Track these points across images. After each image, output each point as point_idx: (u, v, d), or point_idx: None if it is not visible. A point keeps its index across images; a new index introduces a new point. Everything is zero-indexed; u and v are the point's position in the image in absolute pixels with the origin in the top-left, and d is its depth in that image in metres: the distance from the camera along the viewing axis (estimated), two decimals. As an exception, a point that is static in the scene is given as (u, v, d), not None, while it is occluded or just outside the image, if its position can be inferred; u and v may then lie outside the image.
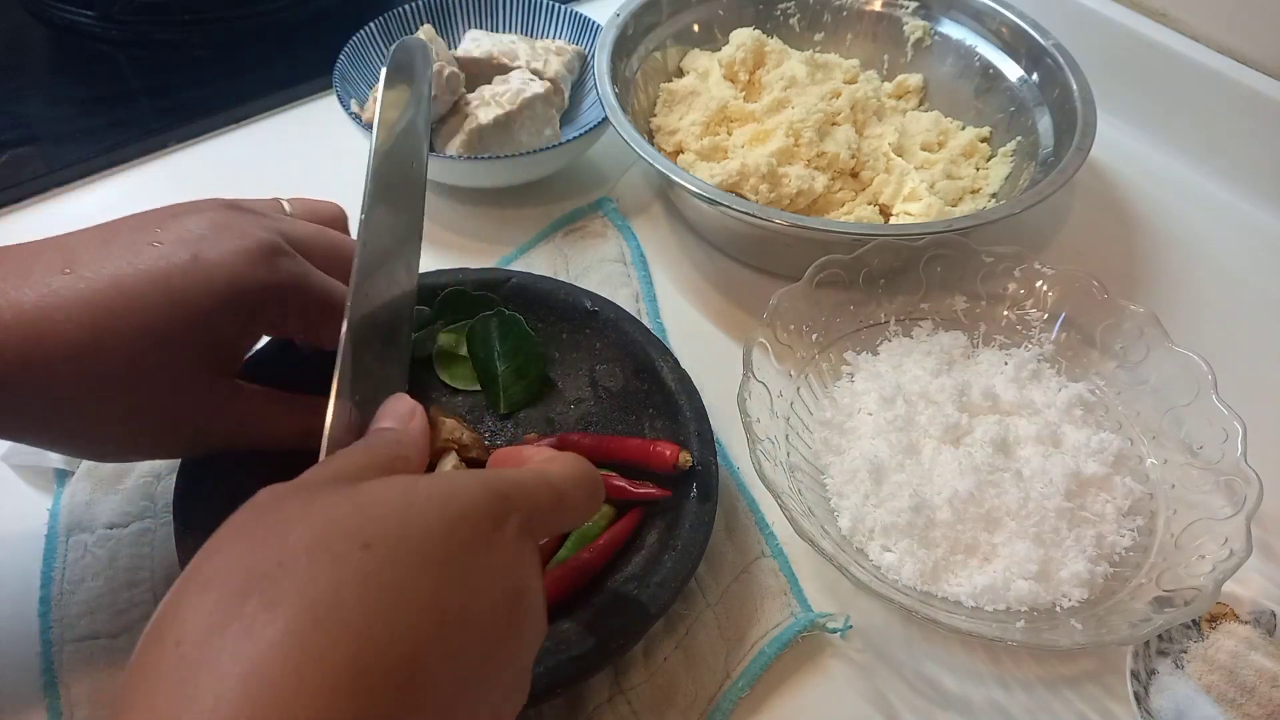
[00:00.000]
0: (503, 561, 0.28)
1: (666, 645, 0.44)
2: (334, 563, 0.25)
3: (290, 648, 0.23)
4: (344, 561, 0.25)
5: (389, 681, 0.24)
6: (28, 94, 0.75)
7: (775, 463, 0.45)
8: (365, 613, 0.24)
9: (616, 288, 0.60)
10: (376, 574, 0.25)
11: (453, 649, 0.26)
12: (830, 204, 0.63)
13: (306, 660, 0.23)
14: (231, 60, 0.77)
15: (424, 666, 0.25)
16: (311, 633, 0.23)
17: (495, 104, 0.63)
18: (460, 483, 0.29)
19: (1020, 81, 0.67)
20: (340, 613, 0.24)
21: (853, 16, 0.73)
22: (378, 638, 0.24)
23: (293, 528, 0.26)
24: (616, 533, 0.45)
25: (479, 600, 0.27)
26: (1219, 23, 0.69)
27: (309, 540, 0.26)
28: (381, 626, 0.24)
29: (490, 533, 0.28)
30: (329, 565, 0.25)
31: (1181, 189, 0.71)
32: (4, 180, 0.64)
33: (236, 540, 0.27)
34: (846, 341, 0.54)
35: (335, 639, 0.24)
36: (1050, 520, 0.45)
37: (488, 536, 0.28)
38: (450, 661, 0.25)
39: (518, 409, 0.52)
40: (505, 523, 0.29)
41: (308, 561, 0.25)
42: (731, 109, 0.66)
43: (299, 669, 0.23)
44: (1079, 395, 0.50)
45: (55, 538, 0.46)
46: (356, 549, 0.25)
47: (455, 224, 0.65)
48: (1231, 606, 0.45)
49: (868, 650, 0.45)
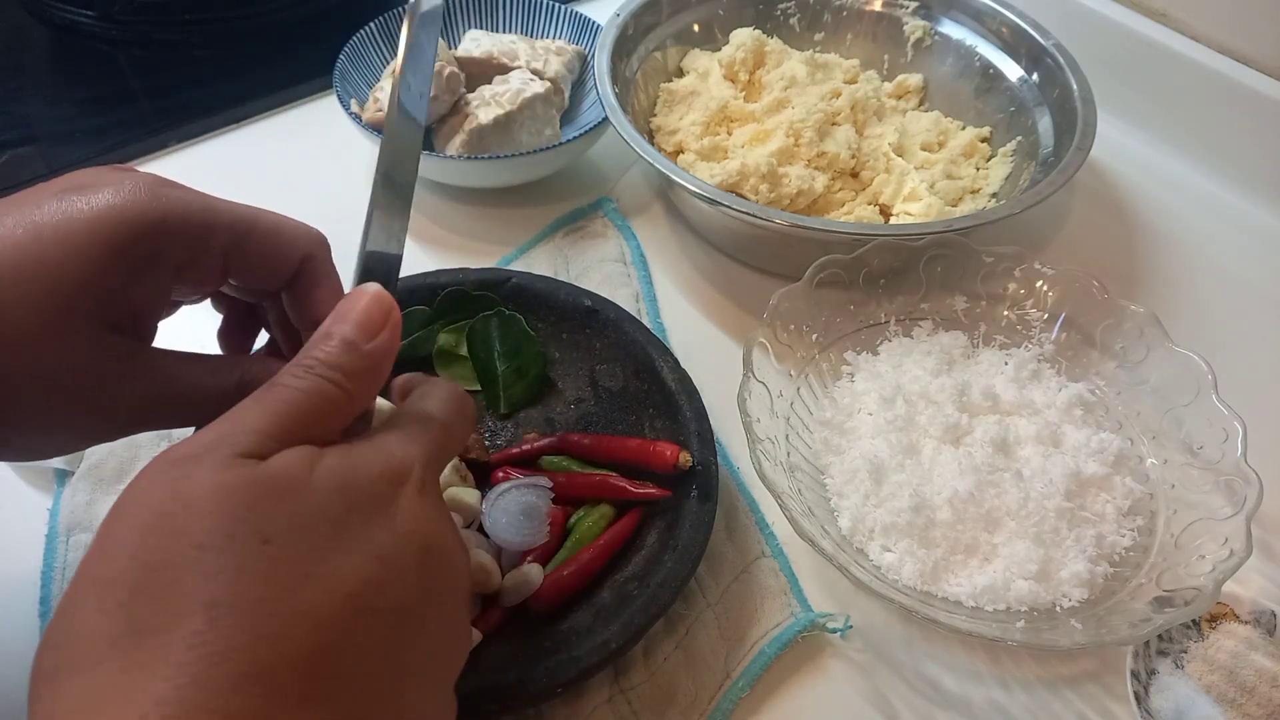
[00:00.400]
0: (406, 523, 0.28)
1: (666, 645, 0.44)
2: (234, 559, 0.24)
3: (194, 656, 0.23)
4: (244, 556, 0.24)
5: (298, 674, 0.24)
6: (28, 94, 0.75)
7: (775, 463, 0.45)
8: (269, 611, 0.24)
9: (616, 288, 0.60)
10: (276, 569, 0.24)
11: (363, 625, 0.25)
12: (830, 204, 0.63)
13: (211, 668, 0.23)
14: (231, 60, 0.77)
15: (334, 651, 0.24)
16: (213, 638, 0.23)
17: (495, 104, 0.63)
18: (360, 457, 0.28)
19: (1020, 81, 0.67)
20: (240, 613, 0.23)
21: (853, 16, 0.73)
22: (282, 634, 0.24)
23: (190, 519, 0.25)
24: (616, 533, 0.45)
25: (390, 568, 0.26)
26: (1219, 23, 0.69)
27: (205, 535, 0.24)
28: (283, 623, 0.24)
29: (390, 500, 0.28)
30: (229, 562, 0.24)
31: (1181, 189, 0.71)
32: (4, 180, 0.64)
33: (128, 528, 0.25)
34: (846, 341, 0.54)
35: (239, 642, 0.23)
36: (1050, 520, 0.45)
37: (390, 503, 0.28)
38: (362, 637, 0.25)
39: (518, 409, 0.52)
40: (406, 482, 0.28)
41: (206, 558, 0.24)
42: (731, 109, 0.66)
43: (204, 678, 0.22)
44: (1079, 395, 0.50)
45: (55, 538, 0.46)
46: (257, 544, 0.25)
47: (455, 224, 0.65)
48: (1231, 606, 0.45)
49: (868, 650, 0.45)
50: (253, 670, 0.23)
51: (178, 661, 0.23)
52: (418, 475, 0.29)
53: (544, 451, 0.48)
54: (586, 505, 0.46)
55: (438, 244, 0.63)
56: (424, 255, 0.63)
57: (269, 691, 0.23)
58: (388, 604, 0.26)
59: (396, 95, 0.35)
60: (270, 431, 0.27)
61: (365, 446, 0.29)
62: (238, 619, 0.23)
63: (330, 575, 0.25)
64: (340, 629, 0.25)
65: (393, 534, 0.27)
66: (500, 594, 0.43)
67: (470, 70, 0.67)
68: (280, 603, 0.24)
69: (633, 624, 0.40)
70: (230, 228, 0.34)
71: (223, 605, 0.23)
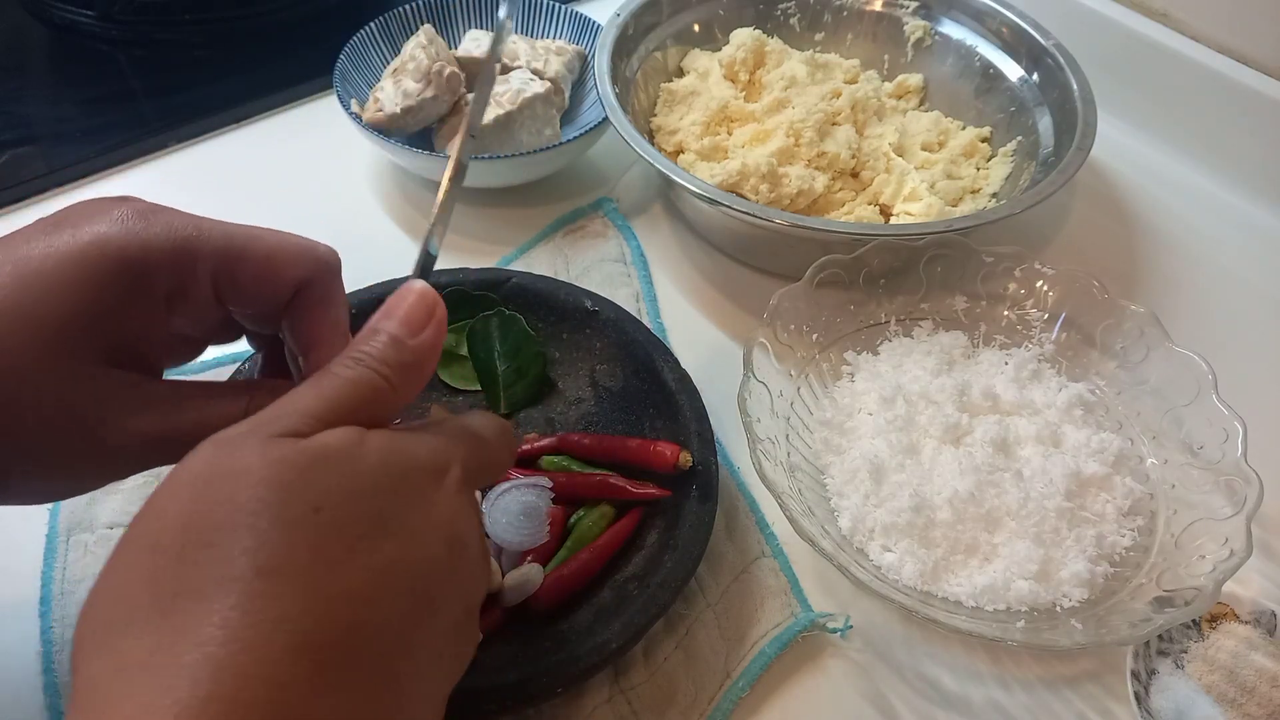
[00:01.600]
0: (442, 515, 0.28)
1: (666, 645, 0.44)
2: (285, 528, 0.25)
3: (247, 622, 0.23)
4: (294, 526, 0.25)
5: (339, 649, 0.24)
6: (28, 94, 0.75)
7: (775, 463, 0.45)
8: (316, 578, 0.24)
9: (616, 288, 0.60)
10: (325, 538, 0.25)
11: (393, 604, 0.26)
12: (830, 204, 0.63)
13: (263, 635, 0.23)
14: (231, 60, 0.77)
15: (365, 624, 0.25)
16: (264, 605, 0.23)
17: (495, 104, 0.63)
18: (406, 441, 0.29)
19: (1020, 81, 0.67)
20: (290, 581, 0.24)
21: (853, 16, 0.73)
22: (324, 603, 0.24)
23: (240, 486, 0.25)
24: (616, 533, 0.45)
25: (420, 552, 0.27)
26: (1219, 23, 0.69)
27: (257, 502, 0.25)
28: (328, 592, 0.24)
29: (432, 488, 0.29)
30: (280, 531, 0.25)
31: (1181, 189, 0.71)
32: (4, 180, 0.64)
33: (178, 498, 0.26)
34: (847, 341, 0.54)
35: (287, 607, 0.24)
36: (1050, 520, 0.45)
37: (430, 492, 0.28)
38: (391, 616, 0.26)
39: (518, 409, 0.52)
40: (446, 476, 0.29)
41: (258, 524, 0.25)
42: (732, 109, 0.66)
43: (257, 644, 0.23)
44: (1079, 395, 0.50)
45: (55, 538, 0.46)
46: (309, 511, 0.25)
47: (455, 224, 0.65)
48: (1232, 606, 0.45)
49: (868, 650, 0.45)
50: (304, 641, 0.24)
51: (230, 626, 0.23)
52: (456, 474, 0.30)
53: (544, 451, 0.48)
54: (586, 505, 0.46)
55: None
56: (424, 255, 0.63)
57: (317, 663, 0.24)
58: (411, 588, 0.27)
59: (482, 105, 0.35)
60: (318, 413, 0.28)
61: (410, 436, 0.29)
62: (289, 587, 0.24)
63: (370, 551, 0.26)
64: (370, 606, 0.25)
65: (428, 522, 0.28)
66: (500, 594, 0.43)
67: (470, 70, 0.67)
68: (328, 573, 0.25)
69: (633, 624, 0.40)
70: (218, 253, 0.33)
71: (274, 573, 0.24)
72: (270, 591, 0.24)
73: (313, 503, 0.25)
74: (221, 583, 0.24)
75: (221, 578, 0.24)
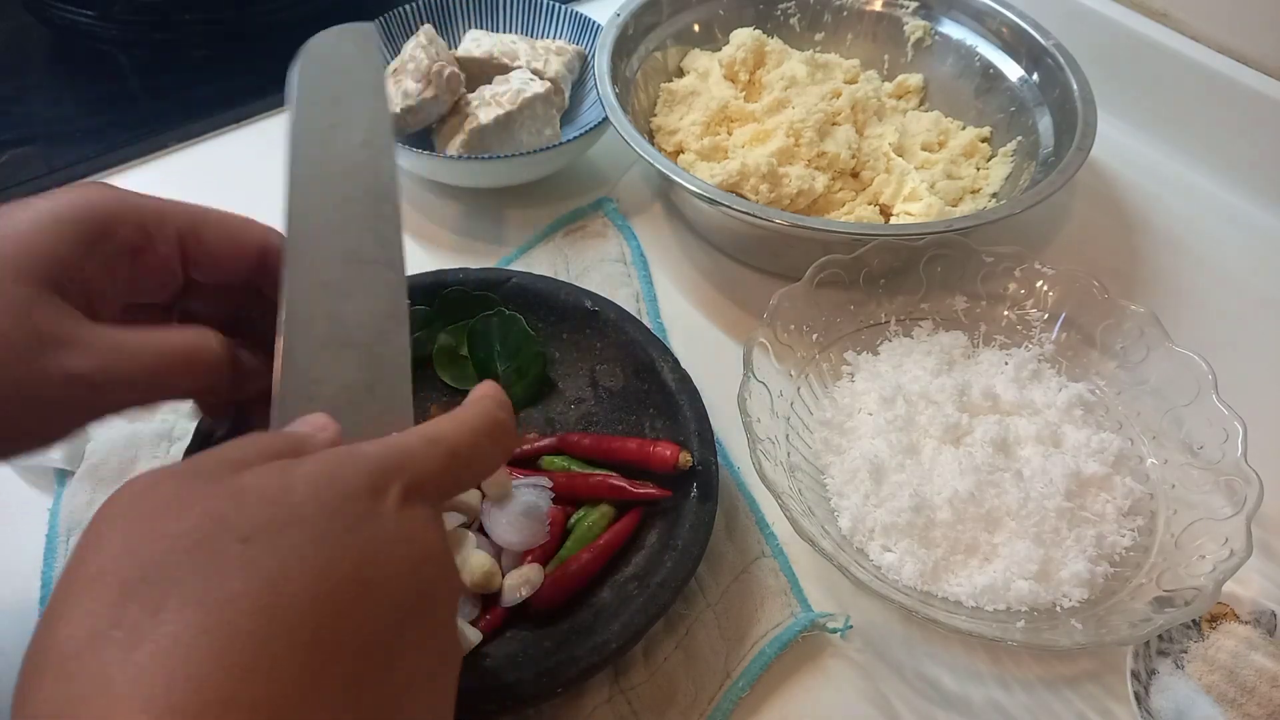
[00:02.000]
0: (390, 533, 0.28)
1: (666, 645, 0.44)
2: (214, 559, 0.24)
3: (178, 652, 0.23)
4: (224, 557, 0.25)
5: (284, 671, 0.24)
6: (28, 94, 0.75)
7: (775, 463, 0.45)
8: (251, 606, 0.24)
9: (616, 288, 0.60)
10: (257, 567, 0.25)
11: (347, 625, 0.25)
12: (830, 204, 0.63)
13: (196, 663, 0.23)
14: (231, 60, 0.77)
15: (319, 648, 0.24)
16: (198, 634, 0.23)
17: (495, 104, 0.63)
18: (338, 462, 0.28)
19: (1020, 81, 0.67)
20: (225, 611, 0.24)
21: (853, 16, 0.73)
22: (265, 630, 0.24)
23: (169, 520, 0.25)
24: (616, 533, 0.45)
25: (370, 573, 0.26)
26: (1219, 23, 0.69)
27: (185, 536, 0.25)
28: (267, 619, 0.24)
29: (370, 508, 0.28)
30: (209, 562, 0.24)
31: (1181, 189, 0.71)
32: (4, 180, 0.64)
33: (113, 532, 0.26)
34: (847, 341, 0.54)
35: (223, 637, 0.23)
36: (1050, 520, 0.45)
37: (368, 511, 0.28)
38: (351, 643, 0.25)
39: (518, 409, 0.52)
40: (385, 495, 0.28)
41: (187, 559, 0.24)
42: (732, 109, 0.66)
43: (189, 671, 0.22)
44: (1079, 395, 0.50)
45: (55, 538, 0.46)
46: (235, 543, 0.25)
47: (455, 224, 0.65)
48: (1232, 606, 0.45)
49: (868, 650, 0.45)
50: (252, 663, 0.23)
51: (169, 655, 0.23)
52: (398, 492, 0.29)
53: (544, 451, 0.49)
54: (586, 505, 0.46)
55: (438, 244, 0.63)
56: (424, 255, 0.63)
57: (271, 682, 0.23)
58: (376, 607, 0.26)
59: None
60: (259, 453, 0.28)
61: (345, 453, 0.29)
62: (225, 613, 0.23)
63: (311, 572, 0.25)
64: (331, 622, 0.25)
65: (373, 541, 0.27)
66: (500, 594, 0.43)
67: (470, 70, 0.67)
68: (265, 597, 0.24)
69: (633, 624, 0.40)
70: (188, 216, 0.35)
71: (209, 601, 0.24)
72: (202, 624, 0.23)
73: (240, 534, 0.25)
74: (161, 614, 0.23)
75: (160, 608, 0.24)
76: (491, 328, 0.52)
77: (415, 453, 0.30)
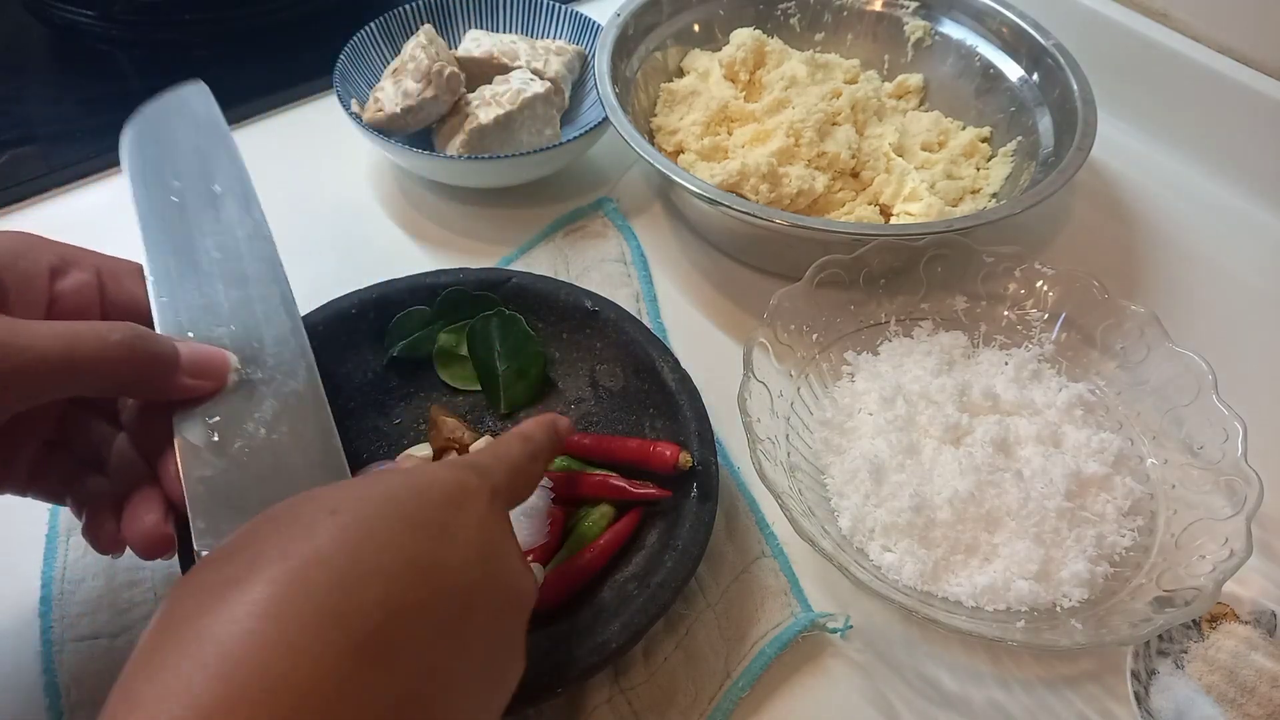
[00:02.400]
0: (473, 521, 0.30)
1: (666, 645, 0.44)
2: (305, 526, 0.27)
3: (271, 604, 0.25)
4: (314, 524, 0.27)
5: (367, 625, 0.25)
6: (28, 94, 0.75)
7: (775, 463, 0.45)
8: (341, 565, 0.26)
9: (616, 288, 0.60)
10: (345, 532, 0.27)
11: (425, 597, 0.27)
12: (830, 204, 0.63)
13: (287, 613, 0.25)
14: (231, 60, 0.77)
15: (399, 613, 0.26)
16: (290, 588, 0.25)
17: (495, 104, 0.63)
18: (433, 466, 0.32)
19: (1021, 81, 0.67)
20: (315, 568, 0.26)
21: (853, 16, 0.73)
22: (352, 585, 0.26)
23: (277, 510, 0.29)
24: (616, 533, 0.45)
25: (450, 553, 0.29)
26: (1219, 23, 0.69)
27: (283, 513, 0.28)
28: (355, 575, 0.26)
29: (459, 497, 0.31)
30: (301, 529, 0.27)
31: (1181, 189, 0.71)
32: (4, 180, 0.64)
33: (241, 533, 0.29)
34: (847, 341, 0.54)
35: (312, 590, 0.25)
36: (1050, 520, 0.45)
37: (458, 500, 0.30)
38: (426, 610, 0.27)
39: (518, 409, 0.52)
40: (478, 490, 0.31)
41: (281, 527, 0.27)
42: (732, 109, 0.66)
43: (281, 622, 0.24)
44: (1079, 395, 0.50)
45: (55, 538, 0.46)
46: (324, 514, 0.28)
47: (455, 224, 0.65)
48: (1232, 606, 0.45)
49: (868, 650, 0.45)
50: (330, 614, 0.25)
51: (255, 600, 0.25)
52: (489, 487, 0.32)
53: (544, 451, 0.49)
54: (586, 505, 0.46)
55: (438, 244, 0.63)
56: (424, 255, 0.63)
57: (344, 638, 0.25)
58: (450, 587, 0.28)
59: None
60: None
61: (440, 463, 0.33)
62: (309, 569, 0.26)
63: (394, 545, 0.27)
64: (406, 595, 0.27)
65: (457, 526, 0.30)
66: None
67: (470, 70, 0.67)
68: (348, 558, 0.26)
69: (633, 624, 0.40)
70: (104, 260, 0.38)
71: (294, 557, 0.26)
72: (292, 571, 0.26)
73: (330, 507, 0.28)
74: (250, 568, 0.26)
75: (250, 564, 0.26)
76: (491, 328, 0.52)
77: (501, 454, 0.35)
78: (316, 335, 0.50)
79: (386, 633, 0.25)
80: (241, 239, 0.42)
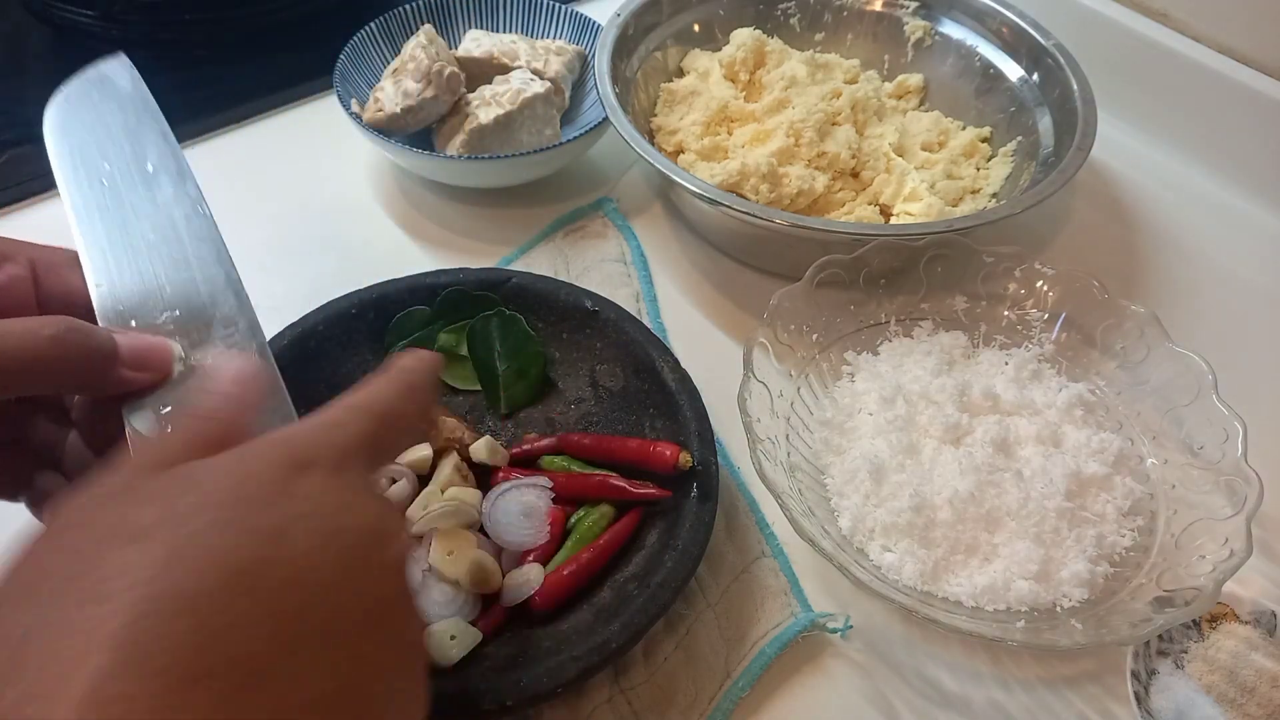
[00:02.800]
0: (302, 507, 0.27)
1: (666, 645, 0.44)
2: (99, 581, 0.24)
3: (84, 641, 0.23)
4: (116, 549, 0.25)
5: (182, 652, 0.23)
6: (28, 94, 0.74)
7: (775, 463, 0.45)
8: (141, 594, 0.24)
9: (616, 288, 0.60)
10: (148, 555, 0.25)
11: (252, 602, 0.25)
12: (830, 204, 0.63)
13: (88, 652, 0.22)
14: (231, 60, 0.77)
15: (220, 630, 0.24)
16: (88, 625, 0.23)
17: (495, 104, 0.63)
18: (248, 451, 0.28)
19: (1021, 81, 0.67)
20: (107, 601, 0.24)
21: (853, 16, 0.73)
22: (154, 614, 0.23)
23: (71, 538, 0.26)
24: (616, 533, 0.45)
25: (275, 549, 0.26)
26: (1219, 23, 0.69)
27: (79, 545, 0.25)
28: (156, 603, 0.24)
29: (286, 483, 0.27)
30: (94, 583, 0.24)
31: (1181, 189, 0.71)
32: (4, 180, 0.64)
33: (24, 560, 0.26)
34: (847, 341, 0.54)
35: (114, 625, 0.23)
36: (1050, 520, 0.45)
37: (283, 487, 0.27)
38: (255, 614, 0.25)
39: (518, 409, 0.52)
40: (308, 468, 0.28)
41: (80, 560, 0.25)
42: (732, 109, 0.66)
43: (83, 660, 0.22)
44: (1079, 395, 0.50)
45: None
46: (127, 546, 0.25)
47: (455, 224, 0.65)
48: (1232, 606, 0.45)
49: (868, 650, 0.45)
50: (133, 653, 0.23)
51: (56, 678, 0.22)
52: (326, 462, 0.28)
53: (544, 451, 0.48)
54: (586, 505, 0.46)
55: (438, 244, 0.63)
56: (424, 255, 0.63)
57: (154, 671, 0.23)
58: (282, 581, 0.25)
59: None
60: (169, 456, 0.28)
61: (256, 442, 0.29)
62: (106, 605, 0.23)
63: (205, 557, 0.25)
64: (222, 607, 0.24)
65: (285, 515, 0.27)
66: (500, 594, 0.43)
67: (470, 70, 0.67)
68: (151, 585, 0.24)
69: (633, 624, 0.40)
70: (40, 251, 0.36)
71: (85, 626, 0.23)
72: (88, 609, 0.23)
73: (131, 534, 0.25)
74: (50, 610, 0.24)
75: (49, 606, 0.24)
76: (491, 328, 0.52)
77: (333, 426, 0.30)
78: (316, 335, 0.51)
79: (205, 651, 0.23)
80: (179, 219, 0.39)
